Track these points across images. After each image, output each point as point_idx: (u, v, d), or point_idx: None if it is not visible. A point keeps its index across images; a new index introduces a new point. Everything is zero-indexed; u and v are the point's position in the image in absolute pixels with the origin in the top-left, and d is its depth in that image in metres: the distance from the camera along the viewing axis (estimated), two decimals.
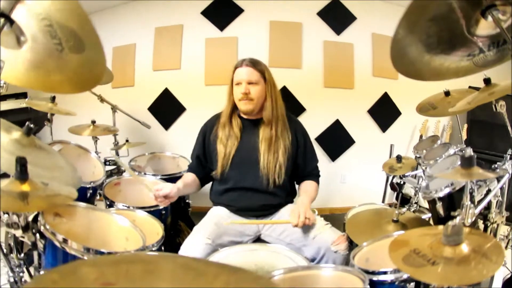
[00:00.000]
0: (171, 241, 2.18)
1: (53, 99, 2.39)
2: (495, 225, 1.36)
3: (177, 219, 2.47)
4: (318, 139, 3.61)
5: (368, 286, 1.04)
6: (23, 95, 3.14)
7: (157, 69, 3.47)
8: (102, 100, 2.65)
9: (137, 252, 0.71)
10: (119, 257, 0.66)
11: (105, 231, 1.47)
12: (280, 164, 1.86)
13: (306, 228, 1.74)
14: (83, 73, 1.09)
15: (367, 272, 1.13)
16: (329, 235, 1.68)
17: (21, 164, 0.98)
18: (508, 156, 1.46)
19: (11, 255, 1.37)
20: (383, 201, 3.28)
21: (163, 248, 1.67)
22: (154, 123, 3.51)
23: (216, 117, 2.01)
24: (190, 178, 1.99)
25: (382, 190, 3.38)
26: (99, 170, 2.16)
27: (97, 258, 0.65)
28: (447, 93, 2.17)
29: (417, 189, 2.40)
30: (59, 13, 0.97)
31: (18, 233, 1.14)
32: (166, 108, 3.52)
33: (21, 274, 1.43)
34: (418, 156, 2.16)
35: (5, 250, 1.38)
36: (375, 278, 1.13)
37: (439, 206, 1.38)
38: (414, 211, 2.40)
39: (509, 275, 2.02)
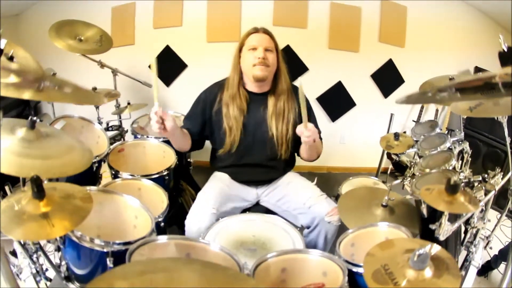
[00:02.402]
0: (174, 201, 2.33)
1: (53, 75, 2.46)
2: (474, 230, 1.53)
3: (179, 178, 2.57)
4: (319, 99, 3.73)
5: (347, 277, 1.23)
6: None
7: (158, 26, 3.45)
8: (102, 65, 2.71)
9: (159, 260, 0.85)
10: (144, 266, 0.81)
11: (116, 213, 1.61)
12: (290, 135, 1.92)
13: (302, 197, 1.91)
14: None
15: (348, 263, 1.30)
16: (324, 207, 1.84)
17: (37, 184, 1.05)
18: (498, 172, 1.58)
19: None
20: (379, 166, 3.45)
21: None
22: None
23: (218, 87, 1.98)
24: (188, 135, 1.96)
25: (379, 154, 3.55)
26: (103, 140, 2.24)
27: (124, 268, 0.78)
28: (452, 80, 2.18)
29: (412, 163, 2.58)
30: None
31: None
32: (168, 65, 3.55)
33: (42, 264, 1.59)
34: (415, 140, 2.28)
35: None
36: (354, 269, 1.29)
37: (424, 207, 1.53)
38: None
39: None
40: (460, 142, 2.35)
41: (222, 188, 1.97)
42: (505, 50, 0.90)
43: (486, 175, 1.61)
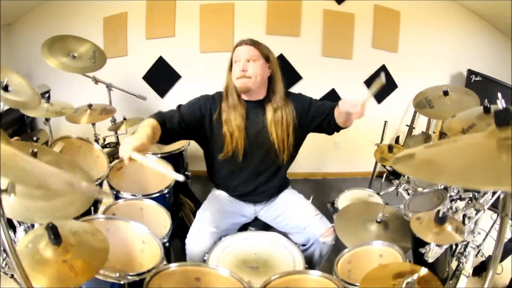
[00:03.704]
0: (174, 216, 2.40)
1: (48, 98, 2.50)
2: (464, 243, 1.69)
3: (178, 192, 2.67)
4: None
5: None
6: None
7: (150, 37, 3.53)
8: (96, 81, 2.80)
9: None
10: None
11: (123, 239, 1.72)
12: (291, 140, 2.00)
13: (298, 218, 2.04)
14: None
15: (346, 282, 1.46)
16: (319, 228, 1.97)
17: (54, 232, 1.12)
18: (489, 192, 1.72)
19: None
20: (373, 174, 3.61)
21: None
22: (150, 91, 3.68)
23: (219, 96, 2.03)
24: (154, 130, 1.79)
25: (373, 159, 3.70)
26: (102, 159, 2.34)
27: None
28: (445, 93, 2.29)
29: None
30: None
31: None
32: (161, 77, 3.65)
33: None
34: None
35: None
36: None
37: None
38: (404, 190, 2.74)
39: None
40: None
41: (220, 206, 2.10)
42: (503, 108, 0.89)
43: (476, 193, 1.77)
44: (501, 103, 0.94)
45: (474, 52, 3.95)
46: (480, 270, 2.52)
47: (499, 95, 0.96)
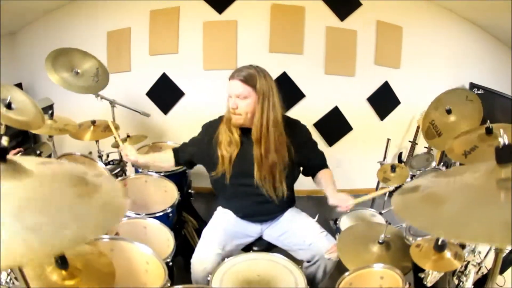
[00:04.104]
0: (178, 233, 2.45)
1: (51, 114, 2.52)
2: (464, 262, 1.70)
3: (181, 210, 2.70)
4: (316, 125, 3.89)
5: None
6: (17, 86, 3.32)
7: (154, 53, 3.59)
8: (100, 98, 2.82)
9: None
10: None
11: (127, 260, 1.74)
12: (276, 180, 2.01)
13: (303, 235, 2.07)
14: None
15: None
16: (324, 244, 2.00)
17: (61, 257, 1.15)
18: None
19: None
20: (376, 189, 3.63)
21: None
22: (153, 107, 3.72)
23: (219, 121, 2.11)
24: (164, 158, 2.25)
25: (376, 177, 3.74)
26: None
27: None
28: (449, 111, 2.28)
29: None
30: None
31: None
32: (165, 93, 3.70)
33: None
34: (411, 174, 2.47)
35: None
36: None
37: None
38: None
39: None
40: None
41: (226, 227, 2.12)
42: (504, 145, 0.87)
43: None
44: (502, 140, 0.90)
45: (476, 64, 4.00)
46: (482, 283, 2.53)
47: (501, 131, 0.90)
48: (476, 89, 3.84)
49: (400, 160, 4.09)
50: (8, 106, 1.87)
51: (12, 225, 0.68)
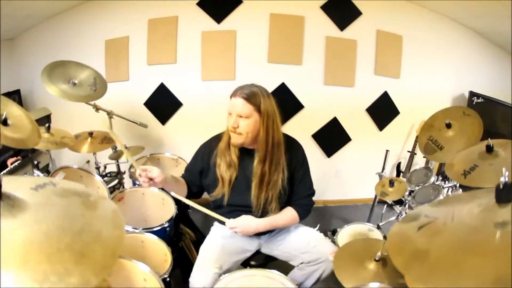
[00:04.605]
0: (175, 246, 2.48)
1: (48, 128, 2.50)
2: None
3: (178, 222, 2.71)
4: (314, 136, 3.93)
5: None
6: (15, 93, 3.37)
7: (152, 63, 3.60)
8: (97, 109, 2.85)
9: None
10: None
11: (125, 278, 1.75)
12: (271, 200, 2.03)
13: (306, 238, 2.11)
14: None
15: None
16: (328, 247, 2.05)
17: None
18: None
19: None
20: (373, 202, 3.64)
21: None
22: (151, 117, 3.74)
23: (216, 140, 2.08)
24: (183, 180, 2.13)
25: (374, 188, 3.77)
26: (103, 190, 2.42)
27: None
28: (448, 125, 2.28)
29: (407, 200, 2.82)
30: None
31: None
32: (162, 103, 3.71)
33: None
34: (410, 189, 2.50)
35: None
36: None
37: None
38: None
39: None
40: (454, 188, 2.59)
41: (223, 243, 2.12)
42: (505, 185, 0.86)
43: None
44: (504, 178, 0.88)
45: (476, 72, 4.05)
46: None
47: (504, 170, 0.88)
48: (476, 97, 3.88)
49: (398, 170, 4.12)
50: (4, 122, 1.79)
51: (20, 277, 0.64)
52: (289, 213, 2.12)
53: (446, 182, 2.64)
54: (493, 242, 0.81)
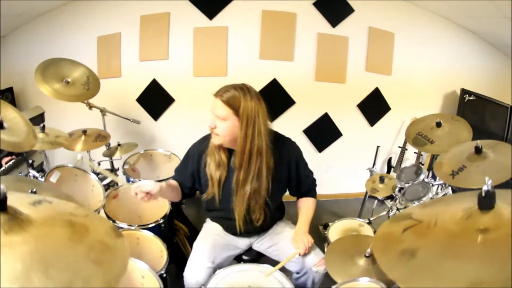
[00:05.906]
0: (169, 242, 2.49)
1: (43, 128, 2.52)
2: None
3: (172, 218, 2.78)
4: (305, 131, 4.04)
5: None
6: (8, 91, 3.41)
7: (144, 59, 3.67)
8: (90, 107, 2.92)
9: None
10: None
11: (124, 276, 1.88)
12: (254, 209, 2.07)
13: (292, 248, 2.16)
14: None
15: None
16: (312, 258, 2.12)
17: None
18: None
19: None
20: (364, 197, 3.76)
21: None
22: (143, 114, 3.82)
23: (206, 140, 2.08)
24: (175, 183, 2.17)
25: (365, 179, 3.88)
26: (98, 188, 2.50)
27: None
28: (438, 124, 2.38)
29: (397, 196, 2.94)
30: None
31: None
32: (155, 99, 3.79)
33: None
34: (400, 186, 2.61)
35: None
36: None
37: None
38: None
39: None
40: (443, 186, 2.71)
41: (216, 240, 2.22)
42: (487, 193, 0.91)
43: None
44: (487, 186, 0.92)
45: (468, 70, 4.17)
46: None
47: (486, 179, 0.93)
48: (467, 95, 3.98)
49: (389, 166, 4.25)
50: (0, 125, 1.78)
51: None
52: (310, 203, 2.34)
53: (437, 179, 2.74)
54: (472, 247, 0.88)
